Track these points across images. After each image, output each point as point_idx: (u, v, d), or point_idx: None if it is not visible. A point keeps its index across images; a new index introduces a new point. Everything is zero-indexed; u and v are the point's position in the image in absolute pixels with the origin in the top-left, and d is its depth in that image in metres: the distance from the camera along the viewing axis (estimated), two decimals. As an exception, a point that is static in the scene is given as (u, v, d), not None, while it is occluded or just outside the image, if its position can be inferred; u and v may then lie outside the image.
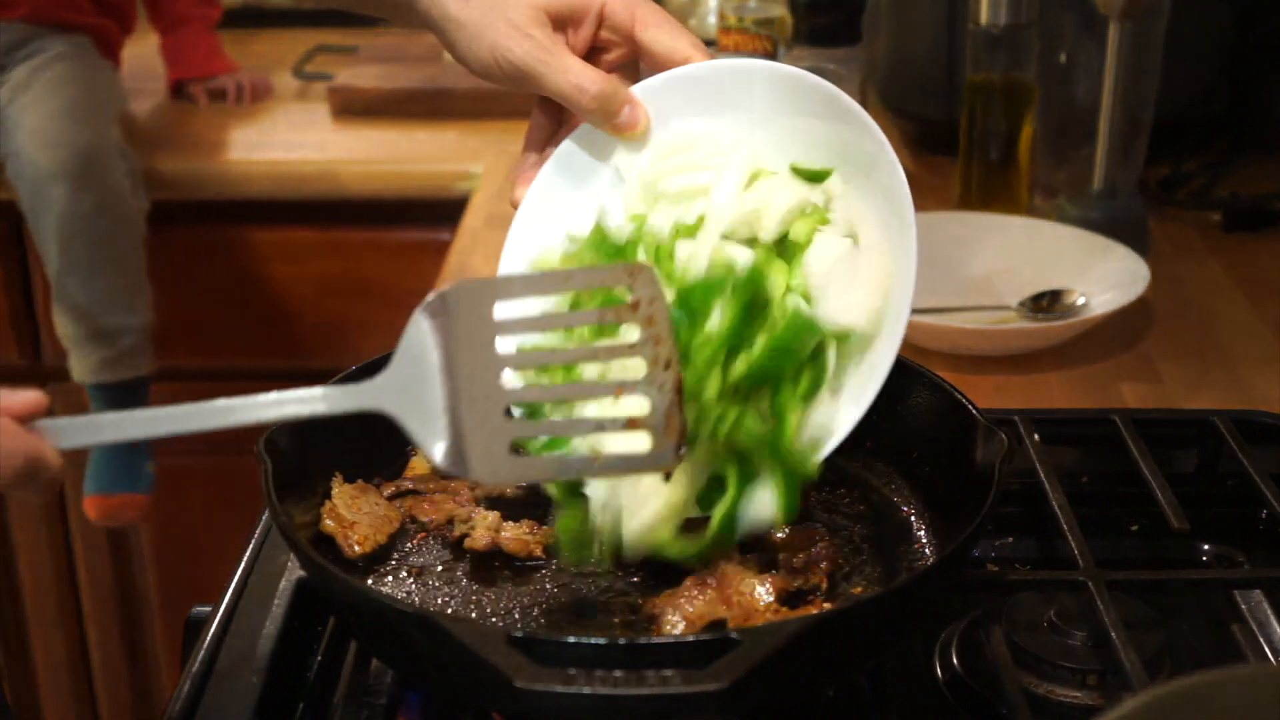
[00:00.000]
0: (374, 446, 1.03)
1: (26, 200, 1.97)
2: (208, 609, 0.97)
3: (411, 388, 0.79)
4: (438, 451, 0.79)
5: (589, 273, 0.83)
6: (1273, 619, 1.00)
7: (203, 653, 0.92)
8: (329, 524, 0.95)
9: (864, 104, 1.66)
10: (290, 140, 2.14)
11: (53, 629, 2.31)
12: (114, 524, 2.14)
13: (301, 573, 0.98)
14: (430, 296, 0.80)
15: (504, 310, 0.80)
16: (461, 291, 0.79)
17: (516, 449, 0.81)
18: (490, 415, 0.79)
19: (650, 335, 0.81)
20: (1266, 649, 0.97)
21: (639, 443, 0.81)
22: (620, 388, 0.82)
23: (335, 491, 0.97)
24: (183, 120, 2.25)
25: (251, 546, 1.03)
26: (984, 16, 1.57)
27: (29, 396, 0.73)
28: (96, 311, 1.99)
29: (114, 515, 2.11)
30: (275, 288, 2.12)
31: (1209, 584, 1.03)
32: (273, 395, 0.78)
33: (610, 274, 0.82)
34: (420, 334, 0.79)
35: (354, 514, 0.95)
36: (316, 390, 0.79)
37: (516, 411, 0.87)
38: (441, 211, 2.01)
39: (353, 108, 2.22)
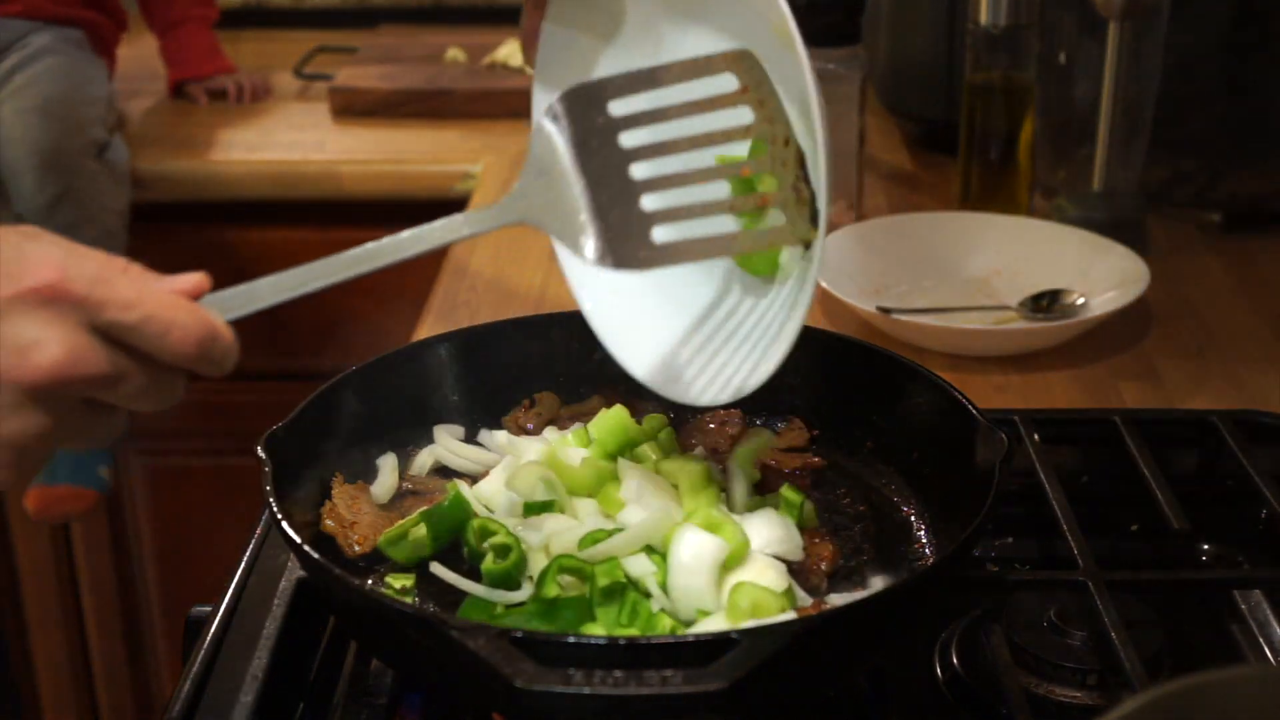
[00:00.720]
0: (374, 446, 1.03)
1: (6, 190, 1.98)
2: (208, 609, 0.97)
3: (549, 194, 0.81)
4: (588, 248, 0.80)
5: (691, 63, 0.84)
6: (1273, 619, 1.00)
7: (203, 653, 0.92)
8: (329, 524, 0.95)
9: (864, 104, 1.67)
10: (290, 140, 2.14)
11: (53, 629, 2.31)
12: (52, 517, 2.08)
13: (301, 573, 0.98)
14: (547, 105, 0.82)
15: (618, 108, 0.82)
16: (577, 95, 0.82)
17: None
18: (629, 206, 0.81)
19: (764, 115, 0.82)
20: (1266, 649, 0.97)
21: (774, 218, 0.84)
22: (746, 167, 0.84)
23: (335, 491, 0.97)
24: (183, 120, 2.25)
25: (251, 546, 1.03)
26: (984, 16, 1.57)
27: (193, 277, 0.76)
28: None
29: (53, 507, 2.06)
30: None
31: (1209, 584, 1.03)
32: (412, 231, 0.81)
33: (713, 62, 0.83)
34: (546, 140, 0.81)
35: (354, 514, 0.95)
36: (457, 217, 0.82)
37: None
38: (441, 211, 1.97)
39: (353, 108, 2.22)
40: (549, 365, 1.11)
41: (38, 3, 2.09)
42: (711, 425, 1.06)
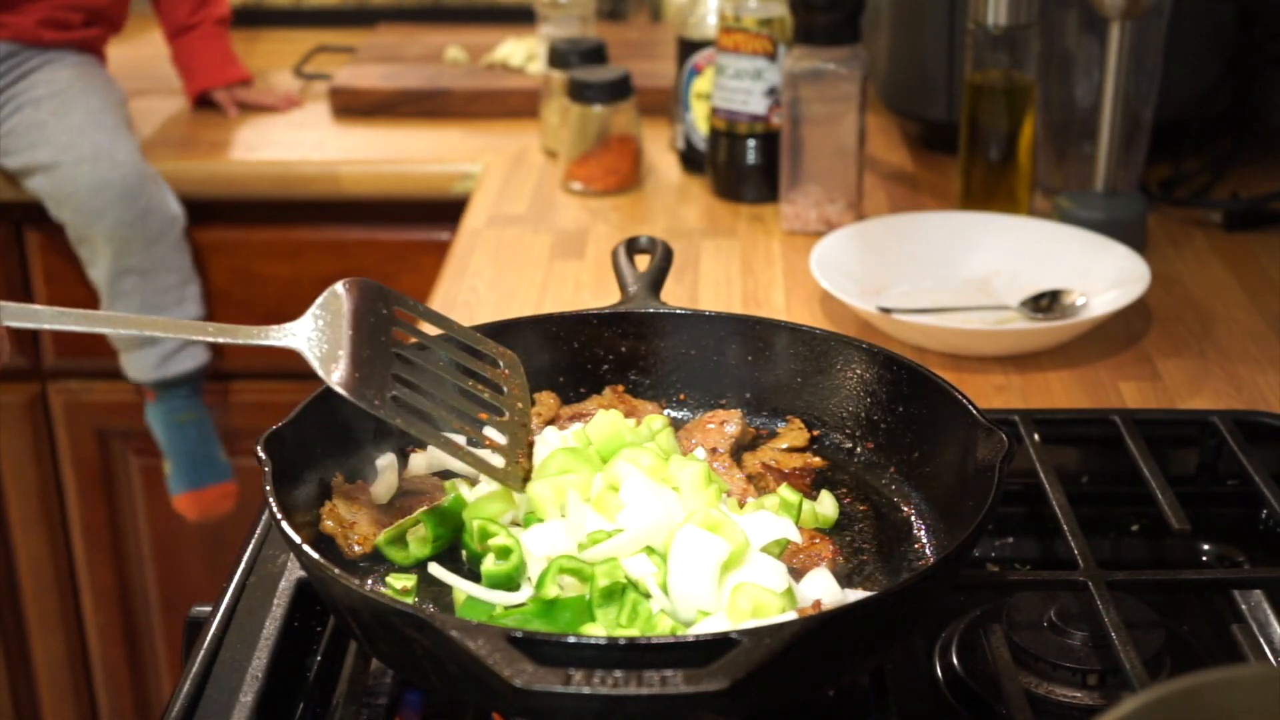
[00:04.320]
0: (374, 447, 1.03)
1: (70, 212, 1.96)
2: (208, 609, 0.97)
3: (321, 331, 0.93)
4: (335, 376, 0.91)
5: (473, 333, 1.01)
6: (1273, 619, 1.00)
7: (203, 653, 0.92)
8: (329, 524, 0.95)
9: (864, 103, 1.67)
10: (290, 140, 2.14)
11: (53, 629, 2.31)
12: (211, 518, 2.15)
13: (301, 573, 0.98)
14: (345, 280, 0.96)
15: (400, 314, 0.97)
16: (373, 287, 0.97)
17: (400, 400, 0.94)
18: (382, 368, 0.94)
19: (511, 397, 0.99)
20: (1266, 649, 0.97)
21: (494, 458, 0.96)
22: (486, 414, 0.98)
23: (335, 491, 0.97)
24: (181, 121, 2.25)
25: (251, 546, 1.03)
26: (984, 16, 1.57)
27: None
28: (151, 310, 2.01)
29: (210, 508, 2.13)
30: (275, 288, 2.11)
31: (1209, 584, 1.03)
32: (210, 325, 0.94)
33: (489, 344, 1.00)
34: (336, 298, 0.95)
35: (354, 514, 0.95)
36: (241, 329, 0.93)
37: None
38: (441, 211, 2.00)
39: (353, 108, 2.22)
40: (549, 365, 1.11)
41: (28, 28, 2.06)
42: (711, 425, 1.06)
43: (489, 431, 0.97)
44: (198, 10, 2.25)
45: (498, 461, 0.96)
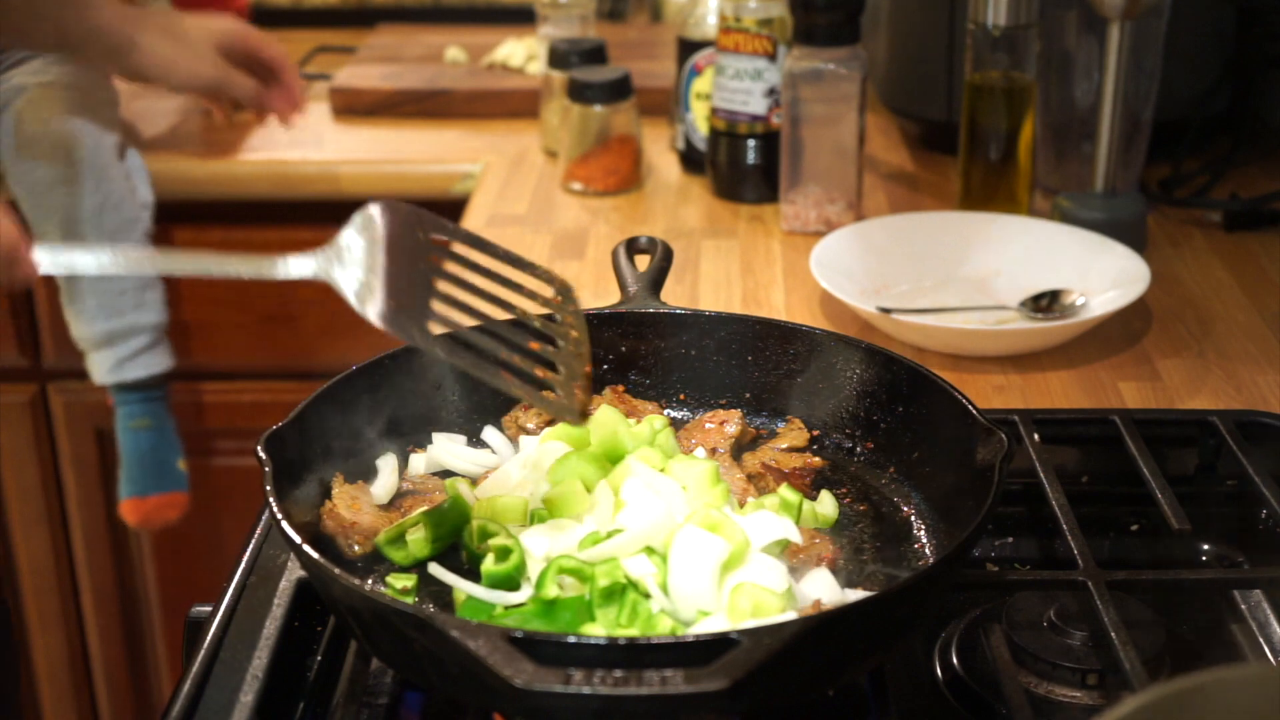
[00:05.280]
0: (374, 447, 1.03)
1: (27, 207, 1.96)
2: (208, 609, 0.97)
3: (356, 262, 0.88)
4: (373, 310, 0.85)
5: (520, 258, 0.94)
6: (1273, 619, 1.00)
7: (203, 653, 0.92)
8: (329, 524, 0.95)
9: (864, 104, 1.67)
10: (290, 140, 2.14)
11: (53, 629, 2.31)
12: (153, 526, 2.12)
13: (301, 573, 0.98)
14: (380, 202, 0.90)
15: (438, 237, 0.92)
16: (409, 211, 0.91)
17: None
18: (422, 296, 0.88)
19: (565, 325, 0.92)
20: (1266, 649, 0.97)
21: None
22: (536, 343, 0.91)
23: (335, 492, 0.97)
24: (182, 120, 2.25)
25: (251, 546, 1.03)
26: (984, 17, 1.57)
27: None
28: (108, 312, 1.99)
29: (151, 516, 2.10)
30: (275, 287, 2.11)
31: (1209, 584, 1.03)
32: (235, 257, 0.92)
33: (540, 270, 0.93)
34: (370, 222, 0.89)
35: (354, 514, 0.95)
36: (260, 258, 0.92)
37: None
38: (441, 212, 1.98)
39: (353, 108, 2.22)
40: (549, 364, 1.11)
41: None
42: (711, 425, 1.06)
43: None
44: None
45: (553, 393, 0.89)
